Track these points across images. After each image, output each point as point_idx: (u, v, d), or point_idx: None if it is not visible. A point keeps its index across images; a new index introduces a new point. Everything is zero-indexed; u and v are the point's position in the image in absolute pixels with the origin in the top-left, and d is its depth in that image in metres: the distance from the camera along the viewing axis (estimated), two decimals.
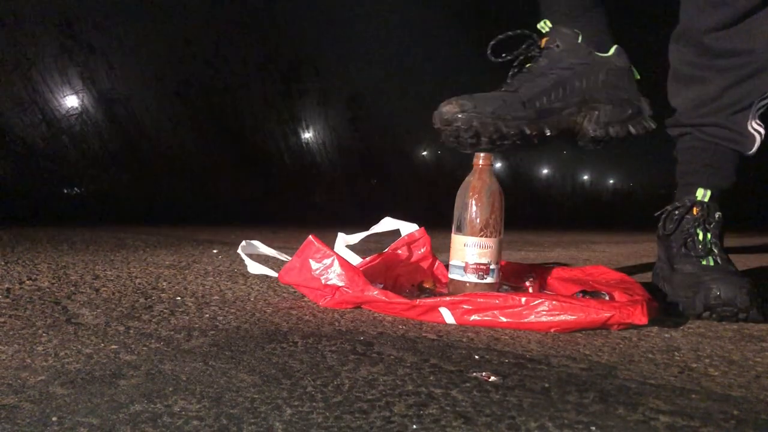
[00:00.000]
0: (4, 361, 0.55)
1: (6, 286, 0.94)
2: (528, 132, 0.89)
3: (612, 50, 0.97)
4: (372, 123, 5.63)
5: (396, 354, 0.63)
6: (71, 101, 3.87)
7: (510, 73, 0.97)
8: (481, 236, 0.87)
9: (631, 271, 1.55)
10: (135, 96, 4.13)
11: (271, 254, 1.04)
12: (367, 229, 1.09)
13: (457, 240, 0.89)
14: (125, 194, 3.80)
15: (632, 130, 0.94)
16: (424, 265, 1.05)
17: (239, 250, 1.01)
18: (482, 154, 0.90)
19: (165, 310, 0.80)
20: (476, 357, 0.63)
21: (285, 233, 2.63)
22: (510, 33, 0.97)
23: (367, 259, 1.00)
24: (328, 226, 2.35)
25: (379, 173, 5.72)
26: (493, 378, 0.55)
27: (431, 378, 0.55)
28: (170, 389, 0.49)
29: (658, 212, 1.02)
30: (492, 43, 0.96)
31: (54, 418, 0.42)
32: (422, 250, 1.05)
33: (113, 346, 0.61)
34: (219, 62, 4.62)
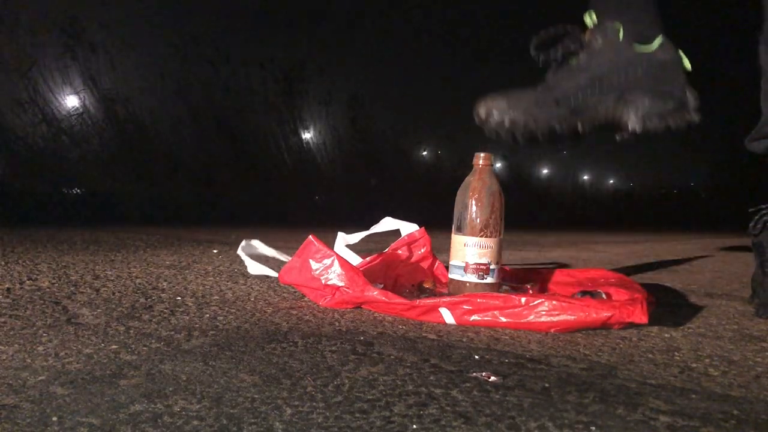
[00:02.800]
0: (4, 361, 0.55)
1: (6, 286, 0.94)
2: (559, 129, 0.89)
3: (656, 42, 0.94)
4: (372, 123, 5.63)
5: (396, 354, 0.63)
6: (72, 101, 3.87)
7: (551, 68, 0.95)
8: (481, 236, 0.87)
9: (631, 271, 1.55)
10: (135, 96, 4.13)
11: (270, 254, 1.04)
12: (367, 229, 1.09)
13: (457, 240, 0.89)
14: (125, 194, 3.80)
15: (671, 123, 0.91)
16: (424, 265, 1.05)
17: (239, 251, 1.01)
18: (482, 154, 0.90)
19: (165, 310, 0.80)
20: (476, 357, 0.63)
21: (285, 233, 2.63)
22: (552, 29, 0.95)
23: (368, 259, 1.00)
24: (328, 225, 2.35)
25: (379, 173, 5.72)
26: (493, 378, 0.55)
27: (431, 378, 0.55)
28: (170, 389, 0.49)
29: (751, 210, 1.00)
30: (535, 40, 0.94)
31: (54, 418, 0.42)
32: (422, 250, 1.05)
33: (113, 346, 0.61)
34: (219, 62, 4.62)
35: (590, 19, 0.95)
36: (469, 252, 0.87)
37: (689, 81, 0.95)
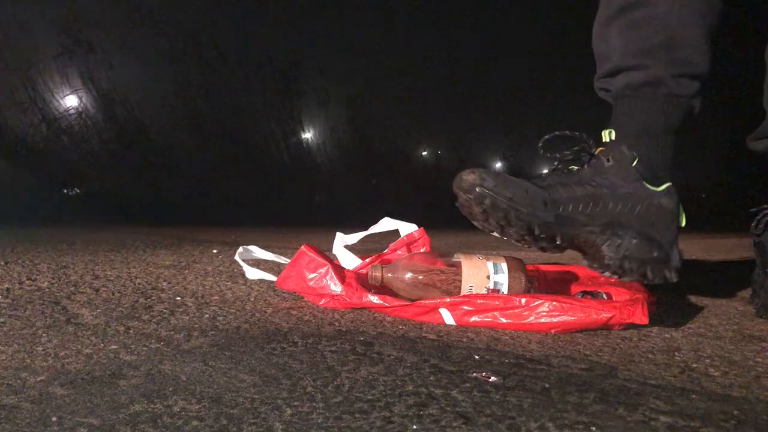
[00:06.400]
0: (4, 361, 0.55)
1: (6, 286, 0.94)
2: (537, 232, 0.84)
3: (663, 186, 0.90)
4: (372, 123, 5.63)
5: (396, 354, 0.62)
6: (71, 101, 3.87)
7: (552, 166, 0.92)
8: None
9: None
10: (135, 96, 4.13)
11: (269, 258, 1.04)
12: (367, 229, 1.09)
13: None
14: (125, 194, 3.80)
15: (649, 273, 0.85)
16: None
17: (236, 257, 1.01)
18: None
19: (165, 310, 0.80)
20: (476, 357, 0.63)
21: (285, 233, 2.63)
22: (567, 132, 0.92)
23: (367, 260, 1.00)
24: (327, 225, 2.35)
25: (379, 173, 5.71)
26: (493, 378, 0.55)
27: (431, 378, 0.55)
28: (170, 389, 0.49)
29: (753, 210, 0.98)
30: (546, 137, 0.91)
31: (54, 418, 0.42)
32: (421, 251, 1.05)
33: (113, 346, 0.61)
34: (219, 62, 4.62)
35: (608, 136, 0.92)
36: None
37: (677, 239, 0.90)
